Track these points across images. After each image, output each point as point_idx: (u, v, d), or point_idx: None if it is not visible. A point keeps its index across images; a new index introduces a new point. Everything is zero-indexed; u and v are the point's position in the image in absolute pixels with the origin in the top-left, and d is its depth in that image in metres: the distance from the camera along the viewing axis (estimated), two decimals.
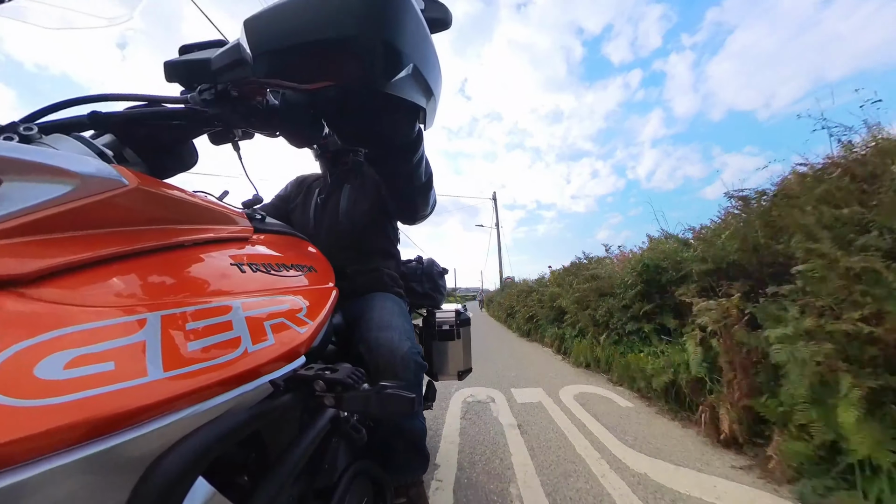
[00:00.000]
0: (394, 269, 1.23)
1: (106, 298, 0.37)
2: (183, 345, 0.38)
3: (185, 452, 0.31)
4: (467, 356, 1.55)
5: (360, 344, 0.90)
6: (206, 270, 0.52)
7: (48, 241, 0.36)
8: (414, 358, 0.89)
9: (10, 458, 0.24)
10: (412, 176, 0.77)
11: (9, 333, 0.29)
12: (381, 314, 0.96)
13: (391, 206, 1.08)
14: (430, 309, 1.59)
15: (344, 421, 0.52)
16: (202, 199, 0.57)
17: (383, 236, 1.21)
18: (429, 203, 0.94)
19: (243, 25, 0.45)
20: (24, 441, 0.25)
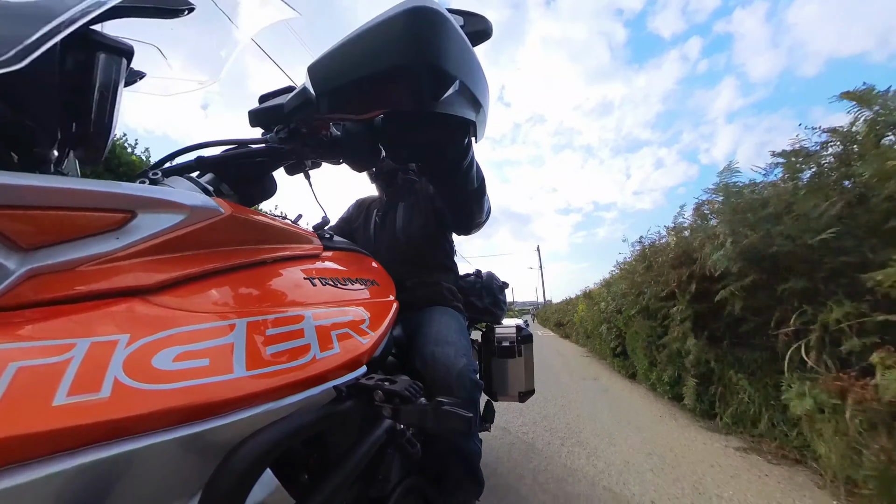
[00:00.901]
0: (452, 282, 1.24)
1: (206, 305, 0.44)
2: (263, 348, 0.43)
3: (258, 444, 0.35)
4: (529, 376, 1.46)
5: (415, 358, 0.91)
6: (283, 283, 0.58)
7: (167, 259, 0.44)
8: (470, 375, 0.87)
9: (127, 430, 0.29)
10: (465, 182, 0.79)
11: (138, 330, 0.36)
12: (439, 328, 0.96)
13: (447, 216, 1.09)
14: (490, 324, 1.54)
15: (400, 433, 0.53)
16: (281, 222, 0.65)
17: (440, 250, 1.24)
18: (483, 209, 0.94)
19: (307, 71, 0.52)
20: (139, 417, 0.30)
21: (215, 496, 0.31)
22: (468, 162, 0.73)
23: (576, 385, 4.22)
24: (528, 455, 2.14)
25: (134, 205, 0.41)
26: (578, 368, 5.42)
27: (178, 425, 0.32)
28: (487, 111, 0.65)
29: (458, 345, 0.92)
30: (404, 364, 0.93)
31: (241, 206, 0.56)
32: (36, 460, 0.25)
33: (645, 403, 3.26)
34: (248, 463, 0.33)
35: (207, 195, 0.51)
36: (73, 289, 0.35)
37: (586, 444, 2.30)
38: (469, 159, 0.73)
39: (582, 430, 2.57)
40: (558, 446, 2.27)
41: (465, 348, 0.94)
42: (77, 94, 0.38)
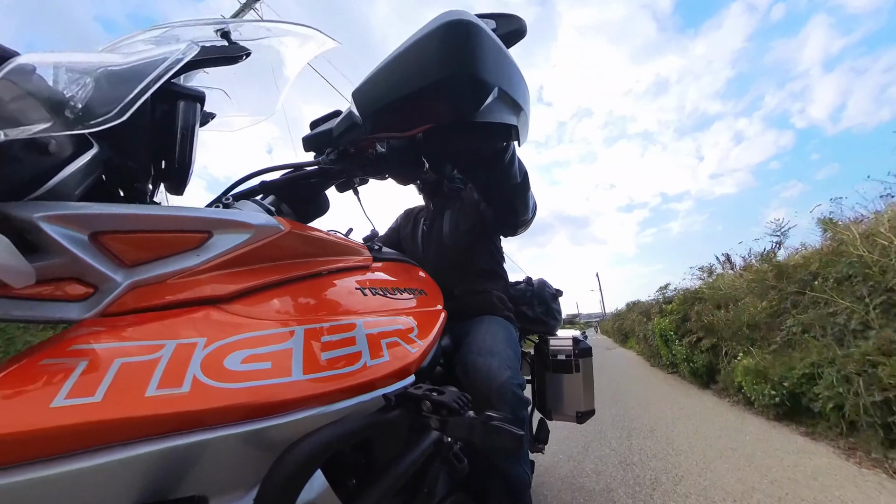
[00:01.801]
0: (502, 290, 1.20)
1: (270, 313, 0.48)
2: (318, 354, 0.45)
3: (311, 445, 0.36)
4: (588, 394, 1.32)
5: (457, 367, 0.87)
6: (337, 293, 0.61)
7: (238, 272, 0.49)
8: (512, 389, 0.82)
9: (201, 422, 0.33)
10: (507, 176, 0.77)
11: (213, 334, 0.40)
12: (485, 337, 0.92)
13: (492, 217, 1.07)
14: (544, 336, 1.44)
15: (447, 447, 0.52)
16: (334, 236, 0.70)
17: (487, 256, 1.21)
18: (528, 205, 0.91)
19: (351, 96, 0.56)
20: (212, 411, 0.34)
21: (270, 491, 0.33)
22: (509, 156, 0.72)
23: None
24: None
25: (210, 226, 0.47)
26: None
27: (242, 421, 0.35)
28: (529, 113, 0.64)
29: (503, 355, 0.88)
30: (451, 374, 0.91)
31: (299, 223, 0.61)
32: (130, 442, 0.30)
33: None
34: (300, 462, 0.35)
35: (270, 215, 0.57)
36: (164, 298, 0.41)
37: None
38: (510, 154, 0.72)
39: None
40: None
41: (510, 360, 0.89)
42: (164, 137, 0.46)
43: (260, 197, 0.66)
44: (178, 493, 0.32)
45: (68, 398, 0.28)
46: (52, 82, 0.32)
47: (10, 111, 0.29)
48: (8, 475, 0.25)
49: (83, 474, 0.27)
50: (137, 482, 0.30)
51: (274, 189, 0.69)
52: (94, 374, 0.31)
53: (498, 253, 1.26)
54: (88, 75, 0.34)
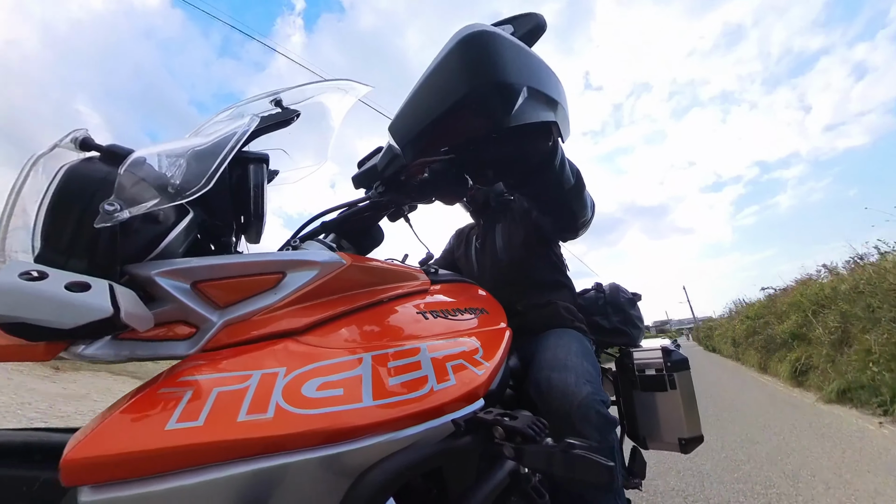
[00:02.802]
0: (569, 300, 1.12)
1: (339, 342, 0.51)
2: (386, 379, 0.46)
3: (382, 473, 0.36)
4: (692, 416, 1.09)
5: (530, 386, 0.81)
6: (399, 319, 0.63)
7: (309, 306, 0.54)
8: (597, 407, 0.73)
9: (283, 446, 0.35)
10: (560, 182, 0.73)
11: (292, 364, 0.44)
12: (556, 352, 0.85)
13: (549, 225, 1.02)
14: (625, 348, 1.27)
15: (524, 478, 0.47)
16: (391, 264, 0.74)
17: (548, 265, 1.15)
18: (586, 205, 0.85)
19: (388, 130, 0.61)
20: (293, 436, 0.36)
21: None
22: (559, 161, 0.69)
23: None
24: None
25: (283, 267, 0.53)
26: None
27: (319, 446, 0.37)
28: (566, 105, 0.62)
29: (580, 369, 0.80)
30: (522, 397, 0.85)
31: (359, 256, 0.66)
32: (226, 462, 0.33)
33: None
34: (373, 490, 0.35)
35: (332, 251, 0.62)
36: (250, 333, 0.47)
37: None
38: (559, 158, 0.69)
39: None
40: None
41: (588, 374, 0.81)
42: (241, 197, 0.54)
43: (322, 236, 0.74)
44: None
45: (178, 422, 0.33)
46: (157, 167, 0.41)
47: (131, 194, 0.38)
48: (132, 488, 0.30)
49: (188, 491, 0.31)
50: (231, 500, 0.33)
51: (333, 227, 0.76)
52: (197, 401, 0.36)
53: (559, 261, 1.19)
54: (181, 157, 0.43)
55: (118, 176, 0.36)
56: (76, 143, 0.38)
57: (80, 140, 0.38)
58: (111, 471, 0.30)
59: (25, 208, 0.35)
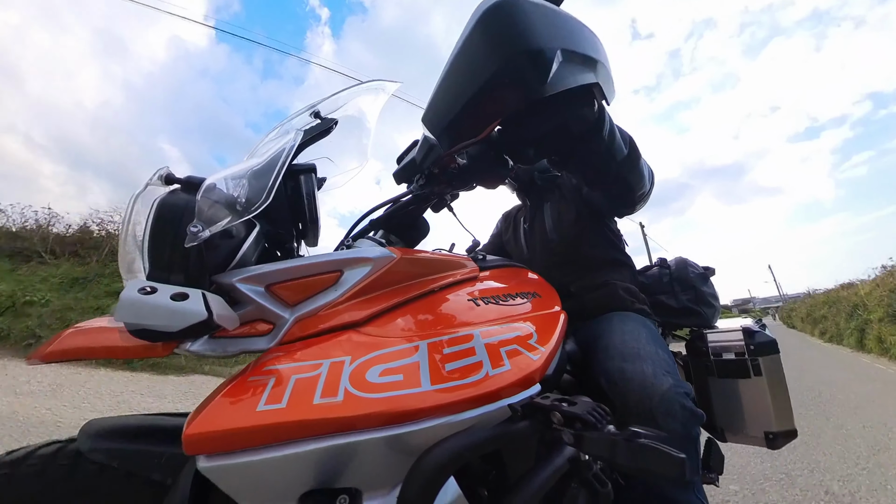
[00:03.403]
0: (629, 280, 1.03)
1: (396, 331, 0.55)
2: (442, 365, 0.48)
3: (443, 451, 0.38)
4: (781, 407, 0.94)
5: (600, 376, 0.76)
6: (451, 307, 0.65)
7: (367, 300, 0.58)
8: (682, 401, 0.67)
9: (353, 425, 0.39)
10: (611, 153, 0.67)
11: (356, 353, 0.48)
12: (624, 339, 0.79)
13: (602, 201, 0.94)
14: (698, 329, 1.14)
15: (585, 465, 0.46)
16: (439, 254, 0.76)
17: (603, 242, 1.07)
18: (643, 175, 0.77)
19: (421, 122, 0.62)
20: (360, 417, 0.40)
21: (410, 492, 0.36)
22: (607, 130, 0.63)
23: None
24: None
25: (340, 266, 0.58)
26: None
27: (384, 426, 0.41)
28: (608, 63, 0.57)
29: (655, 358, 0.73)
30: (581, 383, 0.81)
31: (407, 249, 0.69)
32: (304, 439, 0.38)
33: None
34: (433, 468, 0.37)
35: (382, 246, 0.66)
36: (318, 327, 0.52)
37: None
38: (607, 127, 0.63)
39: None
40: None
41: (665, 363, 0.74)
42: (295, 206, 0.60)
43: (372, 233, 0.78)
44: (339, 485, 0.40)
45: (266, 404, 0.39)
46: (225, 190, 0.47)
47: (209, 215, 0.44)
48: (230, 458, 0.36)
49: (277, 462, 0.37)
50: (310, 472, 0.38)
51: (381, 224, 0.80)
52: (279, 387, 0.42)
53: (616, 237, 1.10)
54: (244, 178, 0.49)
55: (197, 202, 0.43)
56: (162, 179, 0.46)
57: (164, 176, 0.46)
58: (218, 443, 0.37)
59: (136, 237, 0.43)
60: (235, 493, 0.38)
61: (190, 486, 0.42)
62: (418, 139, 0.75)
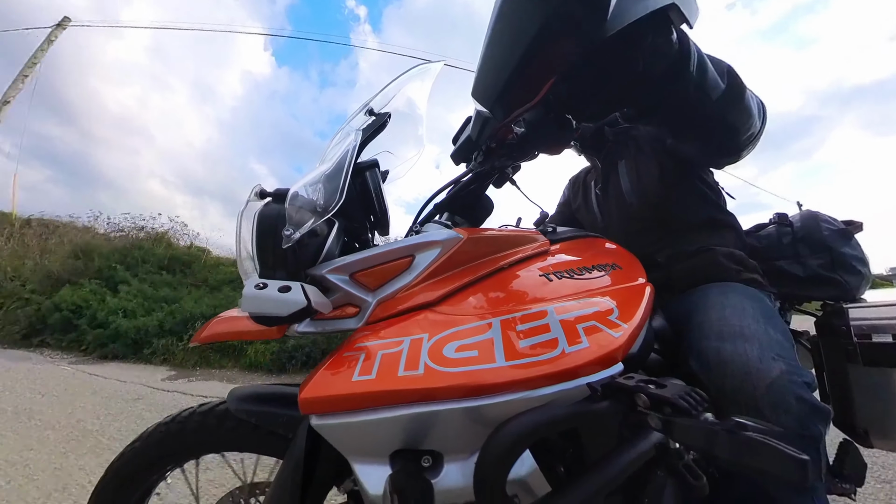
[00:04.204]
0: (733, 243, 0.86)
1: (469, 309, 0.57)
2: (516, 342, 0.49)
3: (519, 424, 0.39)
4: None
5: (691, 358, 0.66)
6: (522, 283, 0.64)
7: (439, 280, 0.61)
8: (796, 391, 0.55)
9: (433, 396, 0.43)
10: (703, 91, 0.55)
11: (433, 330, 0.52)
12: (724, 315, 0.68)
13: (694, 151, 0.80)
14: (834, 304, 0.90)
15: (674, 454, 0.42)
16: (506, 230, 0.75)
17: (695, 201, 0.90)
18: (750, 112, 0.62)
19: (471, 96, 0.60)
20: (440, 389, 0.44)
21: (487, 460, 0.38)
22: (695, 63, 0.53)
23: None
24: None
25: (412, 251, 0.62)
26: None
27: (462, 398, 0.44)
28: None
29: (764, 339, 0.61)
30: (673, 365, 0.73)
31: (473, 228, 0.70)
32: (391, 406, 0.43)
33: None
34: (509, 440, 0.38)
35: (449, 228, 0.68)
36: (396, 308, 0.57)
37: None
38: (694, 59, 0.53)
39: None
40: None
41: (778, 345, 0.62)
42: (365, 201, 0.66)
43: (438, 217, 0.81)
44: (424, 447, 0.45)
45: (359, 375, 0.46)
46: (306, 196, 0.54)
47: (297, 220, 0.51)
48: (334, 418, 0.44)
49: (368, 425, 0.43)
50: (398, 434, 0.44)
51: (445, 207, 0.81)
52: (369, 361, 0.48)
53: (713, 193, 0.92)
54: (319, 182, 0.55)
55: (286, 209, 0.51)
56: (257, 195, 0.54)
57: (258, 193, 0.55)
58: (324, 405, 0.45)
59: (246, 244, 0.53)
60: (339, 447, 0.46)
61: (305, 439, 0.52)
62: (471, 116, 0.74)
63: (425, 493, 0.42)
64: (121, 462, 0.70)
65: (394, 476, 0.43)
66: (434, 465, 0.45)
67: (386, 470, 0.45)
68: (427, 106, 0.72)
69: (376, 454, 0.46)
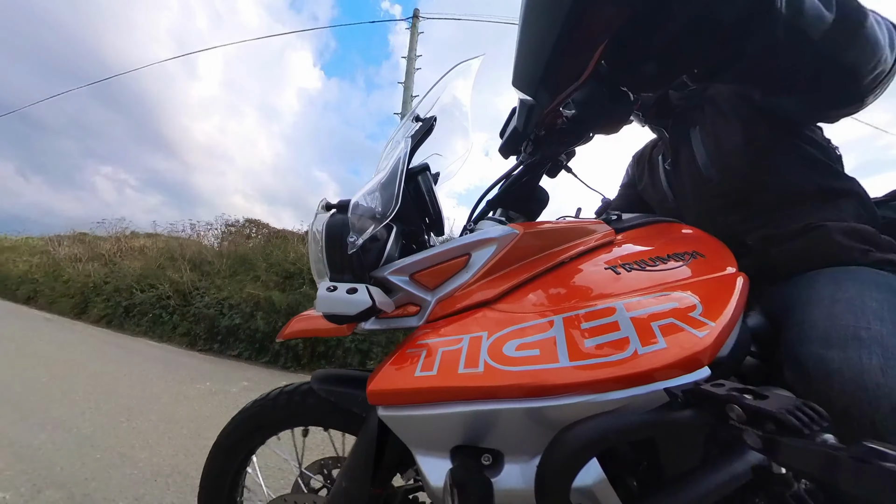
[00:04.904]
0: (855, 216, 0.69)
1: (528, 307, 0.56)
2: (581, 341, 0.46)
3: (585, 430, 0.37)
4: None
5: (785, 365, 0.55)
6: (586, 278, 0.61)
7: (496, 278, 0.61)
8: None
9: (493, 395, 0.43)
10: (799, 29, 0.45)
11: (492, 328, 0.52)
12: (832, 310, 0.55)
13: (794, 106, 0.65)
14: None
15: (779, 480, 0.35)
16: (565, 222, 0.72)
17: (797, 165, 0.72)
18: (876, 44, 0.49)
19: (512, 86, 0.58)
20: (500, 387, 0.43)
21: (549, 465, 0.37)
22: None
23: None
24: None
25: (467, 249, 0.62)
26: None
27: (523, 398, 0.43)
28: None
29: (891, 343, 0.49)
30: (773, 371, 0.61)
31: (529, 222, 0.68)
32: (452, 402, 0.45)
33: None
34: (574, 446, 0.36)
35: (503, 224, 0.68)
36: (455, 306, 0.59)
37: None
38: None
39: None
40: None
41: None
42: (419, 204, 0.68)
43: (491, 213, 0.80)
44: (484, 444, 0.45)
45: (421, 371, 0.48)
46: (366, 204, 0.58)
47: (359, 227, 0.56)
48: (398, 410, 0.47)
49: (429, 419, 0.45)
50: (459, 430, 0.45)
51: (498, 202, 0.80)
52: (430, 357, 0.50)
53: (822, 153, 0.73)
54: (376, 191, 0.59)
55: (349, 218, 0.55)
56: (323, 207, 0.60)
57: (324, 205, 0.61)
58: (389, 398, 0.48)
59: (317, 252, 0.59)
60: (403, 437, 0.49)
61: (377, 423, 0.57)
62: (516, 106, 0.71)
63: (485, 491, 0.43)
64: (226, 431, 0.84)
65: (454, 471, 0.44)
66: (494, 464, 0.45)
67: (446, 464, 0.46)
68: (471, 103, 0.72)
69: (437, 447, 0.47)
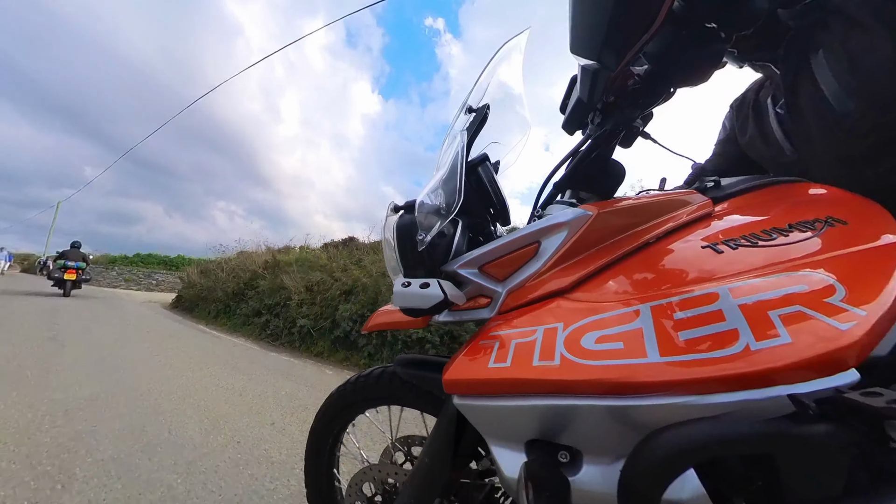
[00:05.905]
0: None
1: (609, 295, 0.51)
2: (675, 334, 0.40)
3: (680, 436, 0.32)
4: None
5: None
6: (678, 259, 0.53)
7: (570, 265, 0.57)
8: None
9: (571, 389, 0.41)
10: None
11: (568, 319, 0.49)
12: None
13: None
14: None
15: None
16: (647, 196, 0.63)
17: None
18: None
19: (571, 52, 0.53)
20: (578, 382, 0.41)
21: (636, 471, 0.33)
22: None
23: None
24: None
25: (536, 237, 0.60)
26: None
27: (604, 395, 0.39)
28: None
29: None
30: None
31: (604, 202, 0.62)
32: (527, 395, 0.44)
33: None
34: (668, 452, 0.32)
35: (573, 207, 0.63)
36: (527, 297, 0.57)
37: None
38: None
39: None
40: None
41: None
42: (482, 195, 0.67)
43: (559, 197, 0.75)
44: (561, 441, 0.43)
45: (495, 363, 0.48)
46: (430, 202, 0.60)
47: (426, 225, 0.58)
48: (472, 400, 0.47)
49: (503, 410, 0.44)
50: (534, 423, 0.43)
51: (566, 184, 0.74)
52: (503, 349, 0.50)
53: None
54: (438, 188, 0.61)
55: (416, 217, 0.58)
56: (392, 210, 0.64)
57: (392, 208, 0.64)
58: (463, 388, 0.49)
59: (391, 252, 0.64)
60: (478, 427, 0.50)
61: (455, 410, 0.59)
62: (575, 75, 0.65)
63: (561, 488, 0.41)
64: (325, 405, 0.96)
65: (528, 464, 0.43)
66: (572, 462, 0.43)
67: (521, 457, 0.45)
68: (523, 83, 0.68)
69: (512, 439, 0.47)
